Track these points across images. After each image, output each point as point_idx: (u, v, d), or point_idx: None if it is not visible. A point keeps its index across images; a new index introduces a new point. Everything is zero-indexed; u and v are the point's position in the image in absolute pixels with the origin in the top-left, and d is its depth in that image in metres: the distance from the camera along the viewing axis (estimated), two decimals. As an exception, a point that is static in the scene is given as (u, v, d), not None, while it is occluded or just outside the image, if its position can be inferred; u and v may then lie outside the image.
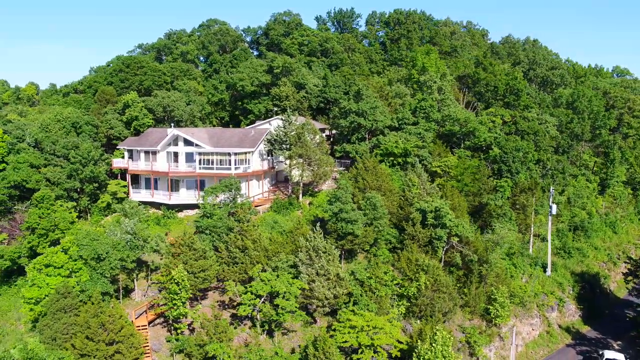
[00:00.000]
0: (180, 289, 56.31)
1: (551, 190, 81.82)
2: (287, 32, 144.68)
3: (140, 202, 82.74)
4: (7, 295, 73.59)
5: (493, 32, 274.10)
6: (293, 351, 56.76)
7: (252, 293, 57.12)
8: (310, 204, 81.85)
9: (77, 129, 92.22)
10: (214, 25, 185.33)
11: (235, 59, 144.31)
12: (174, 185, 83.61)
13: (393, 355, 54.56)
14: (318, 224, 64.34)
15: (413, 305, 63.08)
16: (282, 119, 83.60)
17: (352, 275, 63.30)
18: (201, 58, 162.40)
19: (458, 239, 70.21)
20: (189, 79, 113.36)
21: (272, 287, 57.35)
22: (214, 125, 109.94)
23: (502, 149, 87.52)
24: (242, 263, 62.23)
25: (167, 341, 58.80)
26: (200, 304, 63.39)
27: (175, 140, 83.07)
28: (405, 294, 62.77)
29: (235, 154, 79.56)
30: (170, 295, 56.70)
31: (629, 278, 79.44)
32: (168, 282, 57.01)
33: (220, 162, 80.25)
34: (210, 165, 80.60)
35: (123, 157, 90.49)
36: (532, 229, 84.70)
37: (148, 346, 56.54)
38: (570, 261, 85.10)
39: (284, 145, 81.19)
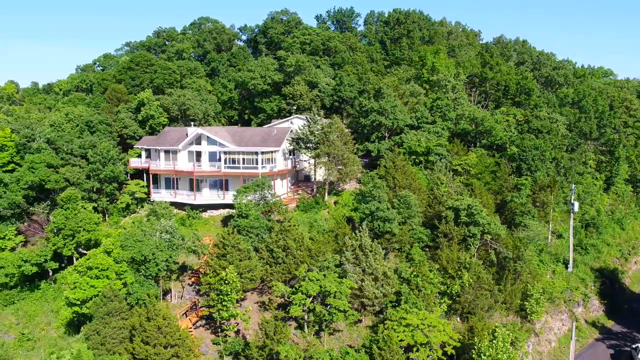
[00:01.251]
0: (230, 290, 55.42)
1: (573, 187, 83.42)
2: (287, 31, 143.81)
3: (162, 202, 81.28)
4: (30, 300, 71.35)
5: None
6: (348, 351, 56.19)
7: (302, 293, 56.51)
8: (335, 203, 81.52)
9: (90, 128, 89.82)
10: (205, 24, 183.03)
11: (234, 58, 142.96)
12: (196, 185, 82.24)
13: (448, 353, 54.66)
14: (365, 222, 64.10)
15: (455, 303, 63.41)
16: (306, 118, 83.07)
17: (395, 274, 63.19)
18: (193, 56, 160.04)
19: (491, 237, 70.85)
20: (197, 78, 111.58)
21: (321, 287, 56.90)
22: (223, 124, 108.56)
23: (520, 147, 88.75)
24: (284, 263, 61.58)
25: (213, 343, 57.78)
26: (240, 305, 62.54)
27: (198, 139, 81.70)
28: (448, 291, 63.02)
29: (262, 153, 78.71)
30: (220, 296, 55.74)
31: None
32: (217, 283, 55.99)
33: (247, 161, 79.23)
34: (236, 165, 79.54)
35: (139, 157, 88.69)
36: (550, 225, 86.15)
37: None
38: (587, 257, 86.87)
39: (309, 145, 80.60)
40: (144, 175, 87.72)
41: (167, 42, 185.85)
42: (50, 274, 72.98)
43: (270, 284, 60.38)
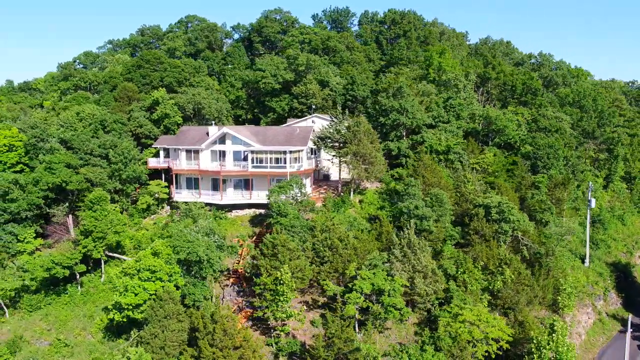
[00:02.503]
0: (285, 290, 55.04)
1: (590, 185, 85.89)
2: (284, 30, 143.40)
3: (185, 202, 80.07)
4: (58, 304, 69.22)
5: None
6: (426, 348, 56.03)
7: (357, 291, 56.53)
8: (360, 202, 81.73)
9: (104, 127, 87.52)
10: (193, 22, 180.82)
11: (229, 56, 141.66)
12: (219, 184, 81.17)
13: (504, 348, 55.59)
14: (412, 220, 64.52)
15: (497, 299, 64.44)
16: (330, 117, 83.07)
17: (440, 270, 63.80)
18: (185, 54, 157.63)
19: (521, 233, 72.32)
20: (204, 76, 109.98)
21: (373, 285, 57.09)
22: (233, 123, 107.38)
23: (534, 145, 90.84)
24: (330, 262, 61.47)
25: (266, 344, 57.26)
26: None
27: (222, 139, 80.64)
28: (490, 287, 64.02)
29: (291, 152, 78.28)
30: (276, 296, 55.28)
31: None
32: (272, 283, 55.49)
33: (275, 160, 78.64)
34: (264, 164, 78.85)
35: (156, 156, 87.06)
36: (563, 222, 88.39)
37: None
38: (599, 252, 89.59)
39: (335, 144, 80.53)
40: (162, 175, 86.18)
41: (152, 41, 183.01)
42: (78, 277, 70.87)
43: (321, 283, 60.11)
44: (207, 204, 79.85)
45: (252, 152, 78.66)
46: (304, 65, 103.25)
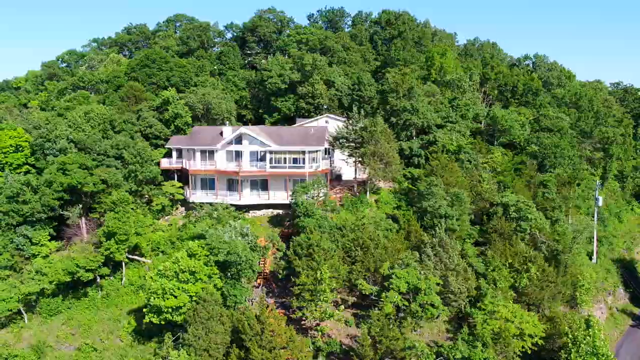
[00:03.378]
0: (325, 290, 55.15)
1: (597, 183, 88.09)
2: (279, 30, 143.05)
3: (201, 203, 79.45)
4: (79, 308, 68.09)
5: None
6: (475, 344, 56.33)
7: (394, 290, 56.96)
8: (376, 201, 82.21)
9: (113, 127, 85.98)
10: (182, 21, 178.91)
11: (224, 56, 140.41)
12: (235, 185, 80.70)
13: (539, 344, 56.69)
14: (443, 220, 65.20)
15: (522, 295, 65.65)
16: (347, 117, 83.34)
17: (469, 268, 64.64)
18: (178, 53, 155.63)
19: (539, 231, 73.80)
20: (206, 76, 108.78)
21: (408, 283, 57.62)
22: (238, 123, 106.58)
23: (540, 145, 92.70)
24: (362, 261, 61.77)
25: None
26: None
27: (238, 139, 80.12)
28: (516, 285, 65.16)
29: (309, 152, 78.31)
30: (314, 296, 55.32)
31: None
32: (311, 284, 55.51)
33: (293, 160, 78.53)
34: (282, 164, 78.68)
35: (167, 157, 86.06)
36: (570, 219, 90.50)
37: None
38: (602, 249, 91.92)
39: (351, 144, 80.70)
40: (174, 176, 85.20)
41: (140, 40, 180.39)
42: (98, 280, 69.62)
43: (356, 283, 60.30)
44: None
45: (270, 152, 78.38)
46: (310, 65, 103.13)
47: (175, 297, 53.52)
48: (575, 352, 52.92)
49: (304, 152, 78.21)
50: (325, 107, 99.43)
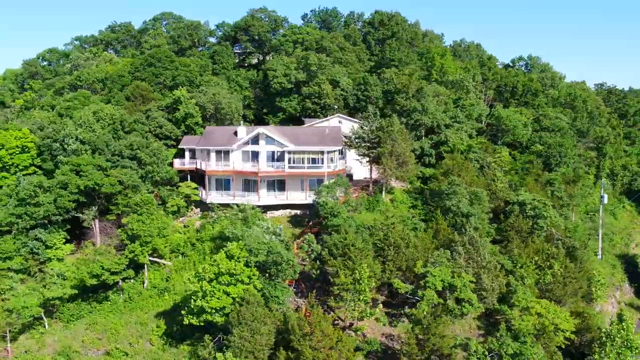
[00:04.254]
0: (365, 289, 55.40)
1: (602, 182, 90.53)
2: (274, 29, 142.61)
3: (219, 204, 78.83)
4: (101, 313, 66.54)
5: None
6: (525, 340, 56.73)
7: (430, 288, 57.56)
8: (392, 200, 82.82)
9: (123, 127, 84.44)
10: (169, 19, 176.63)
11: (217, 55, 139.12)
12: (251, 185, 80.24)
13: (571, 338, 58.05)
14: (472, 219, 66.02)
15: (545, 292, 67.08)
16: (362, 117, 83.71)
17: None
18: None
19: (555, 228, 75.57)
20: (209, 75, 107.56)
21: (443, 281, 58.33)
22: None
23: (545, 144, 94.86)
24: (393, 260, 62.18)
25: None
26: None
27: (255, 139, 79.66)
28: (539, 281, 66.54)
29: (328, 152, 78.42)
30: (354, 295, 55.50)
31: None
32: (350, 284, 55.67)
33: (311, 160, 78.52)
34: (301, 164, 78.59)
35: (179, 157, 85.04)
36: (573, 217, 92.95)
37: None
38: (604, 245, 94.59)
39: (367, 143, 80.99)
40: (187, 176, 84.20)
41: (126, 38, 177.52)
42: (120, 283, 68.34)
43: (392, 282, 60.68)
44: (238, 205, 78.92)
45: (289, 152, 78.17)
46: (316, 65, 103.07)
47: (218, 298, 52.90)
48: (610, 345, 54.32)
49: (322, 152, 78.28)
50: (336, 107, 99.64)
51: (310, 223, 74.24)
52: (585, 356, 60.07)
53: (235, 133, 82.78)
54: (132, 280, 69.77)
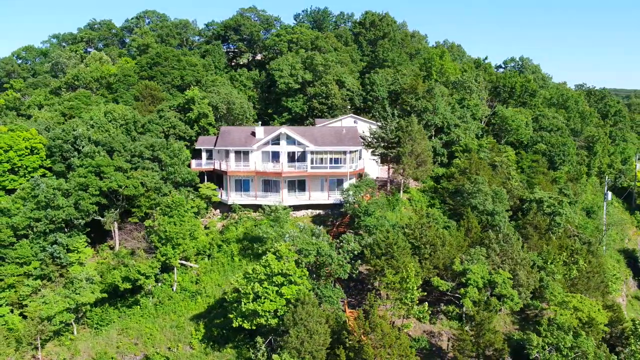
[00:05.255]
0: (412, 287, 56.02)
1: (607, 179, 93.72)
2: (267, 29, 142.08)
3: (240, 205, 78.28)
4: (133, 317, 65.10)
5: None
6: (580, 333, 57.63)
7: (472, 285, 58.62)
8: (409, 200, 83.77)
9: (136, 128, 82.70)
10: (152, 17, 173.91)
11: (209, 54, 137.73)
12: (271, 186, 79.87)
13: (605, 330, 60.04)
14: (497, 216, 67.36)
15: (570, 286, 69.17)
16: (380, 117, 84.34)
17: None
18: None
19: (570, 225, 77.98)
20: (212, 75, 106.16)
21: (483, 278, 59.53)
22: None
23: (548, 143, 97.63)
24: (431, 259, 63.01)
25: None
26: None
27: (276, 139, 79.29)
28: (565, 276, 68.57)
29: (350, 152, 78.77)
30: (402, 294, 56.04)
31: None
32: (399, 283, 56.18)
33: (333, 160, 78.70)
34: (323, 165, 78.66)
35: (195, 158, 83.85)
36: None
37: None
38: (605, 240, 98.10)
39: (387, 144, 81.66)
40: (204, 177, 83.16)
41: (109, 37, 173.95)
42: (150, 287, 67.01)
43: (432, 280, 61.45)
44: (258, 206, 78.62)
45: (312, 152, 78.12)
46: (322, 65, 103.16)
47: (271, 300, 52.54)
48: (646, 336, 56.60)
49: (345, 152, 78.58)
50: (349, 107, 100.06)
51: (338, 223, 74.44)
52: (615, 347, 62.34)
53: (253, 133, 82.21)
54: (159, 284, 68.49)
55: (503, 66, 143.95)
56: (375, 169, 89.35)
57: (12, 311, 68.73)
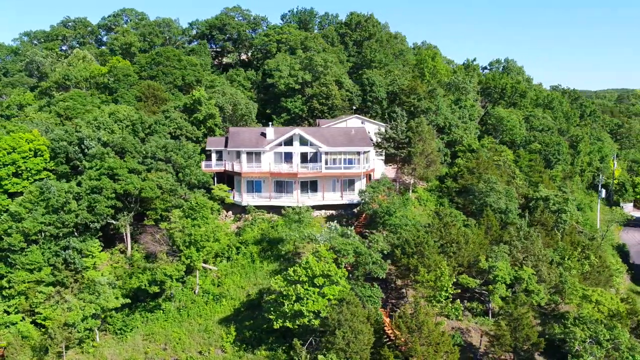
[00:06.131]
0: (446, 285, 57.07)
1: (601, 177, 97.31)
2: (254, 29, 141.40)
3: (255, 206, 77.89)
4: (157, 323, 63.99)
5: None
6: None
7: (500, 282, 60.09)
8: (417, 198, 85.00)
9: (143, 129, 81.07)
10: (130, 15, 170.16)
11: (195, 53, 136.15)
12: (283, 187, 79.72)
13: (628, 323, 62.47)
14: (510, 214, 69.14)
15: (584, 280, 71.57)
16: (389, 117, 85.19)
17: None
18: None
19: (576, 222, 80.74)
20: (209, 75, 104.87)
21: (509, 275, 61.11)
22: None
23: (542, 143, 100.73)
24: (455, 257, 64.22)
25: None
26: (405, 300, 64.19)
27: (289, 140, 79.13)
28: (578, 271, 70.94)
29: (364, 152, 79.37)
30: (436, 292, 57.01)
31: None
32: (433, 281, 57.09)
33: (347, 161, 79.13)
34: (337, 165, 78.99)
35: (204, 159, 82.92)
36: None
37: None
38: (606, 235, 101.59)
39: (399, 144, 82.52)
40: (214, 178, 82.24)
41: (86, 35, 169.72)
42: (172, 291, 65.90)
43: (458, 278, 62.57)
44: (271, 207, 78.45)
45: (326, 153, 78.32)
46: (322, 65, 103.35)
47: (314, 301, 52.56)
48: (665, 327, 59.20)
49: (358, 153, 79.11)
50: (355, 107, 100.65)
51: (356, 223, 74.93)
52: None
53: (262, 134, 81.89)
54: (180, 287, 67.41)
55: (488, 67, 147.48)
56: (380, 169, 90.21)
57: (23, 319, 66.69)
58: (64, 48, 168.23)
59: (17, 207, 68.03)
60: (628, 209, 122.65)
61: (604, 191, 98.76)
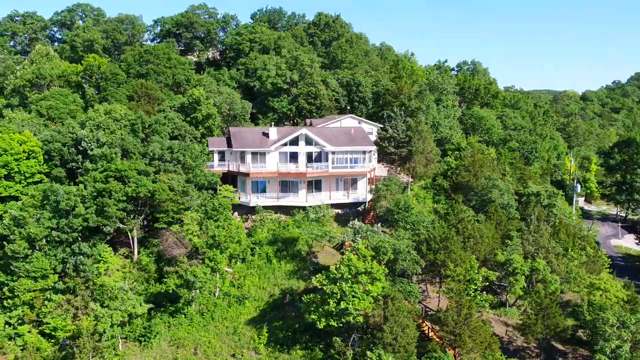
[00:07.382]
0: (477, 279, 59.20)
1: (575, 174, 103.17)
2: (224, 27, 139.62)
3: (263, 207, 77.45)
4: (180, 327, 62.56)
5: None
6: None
7: (520, 274, 62.95)
8: (414, 196, 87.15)
9: (143, 129, 78.57)
10: (86, 11, 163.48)
11: (163, 53, 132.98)
12: (288, 187, 79.69)
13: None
14: (511, 209, 72.36)
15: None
16: (389, 117, 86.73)
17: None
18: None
19: (563, 215, 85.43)
20: (194, 74, 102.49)
21: (529, 267, 64.19)
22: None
23: (520, 141, 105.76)
24: (472, 251, 66.55)
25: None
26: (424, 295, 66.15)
27: (294, 140, 79.09)
28: (578, 261, 75.19)
29: (369, 151, 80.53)
30: (466, 286, 58.99)
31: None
32: (462, 274, 59.04)
33: (352, 160, 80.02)
34: (343, 164, 79.68)
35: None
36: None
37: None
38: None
39: (399, 143, 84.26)
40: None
41: (37, 30, 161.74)
42: (193, 294, 64.50)
43: (481, 271, 64.83)
44: (278, 207, 78.27)
45: (332, 152, 78.87)
46: (308, 65, 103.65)
47: (359, 298, 53.10)
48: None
49: (364, 152, 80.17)
50: (349, 107, 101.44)
51: (368, 220, 75.98)
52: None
53: (264, 134, 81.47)
54: (198, 290, 66.01)
55: (456, 69, 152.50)
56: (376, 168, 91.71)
57: (29, 331, 63.33)
58: (11, 44, 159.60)
59: (20, 212, 64.37)
60: (580, 203, 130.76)
61: (579, 186, 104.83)
